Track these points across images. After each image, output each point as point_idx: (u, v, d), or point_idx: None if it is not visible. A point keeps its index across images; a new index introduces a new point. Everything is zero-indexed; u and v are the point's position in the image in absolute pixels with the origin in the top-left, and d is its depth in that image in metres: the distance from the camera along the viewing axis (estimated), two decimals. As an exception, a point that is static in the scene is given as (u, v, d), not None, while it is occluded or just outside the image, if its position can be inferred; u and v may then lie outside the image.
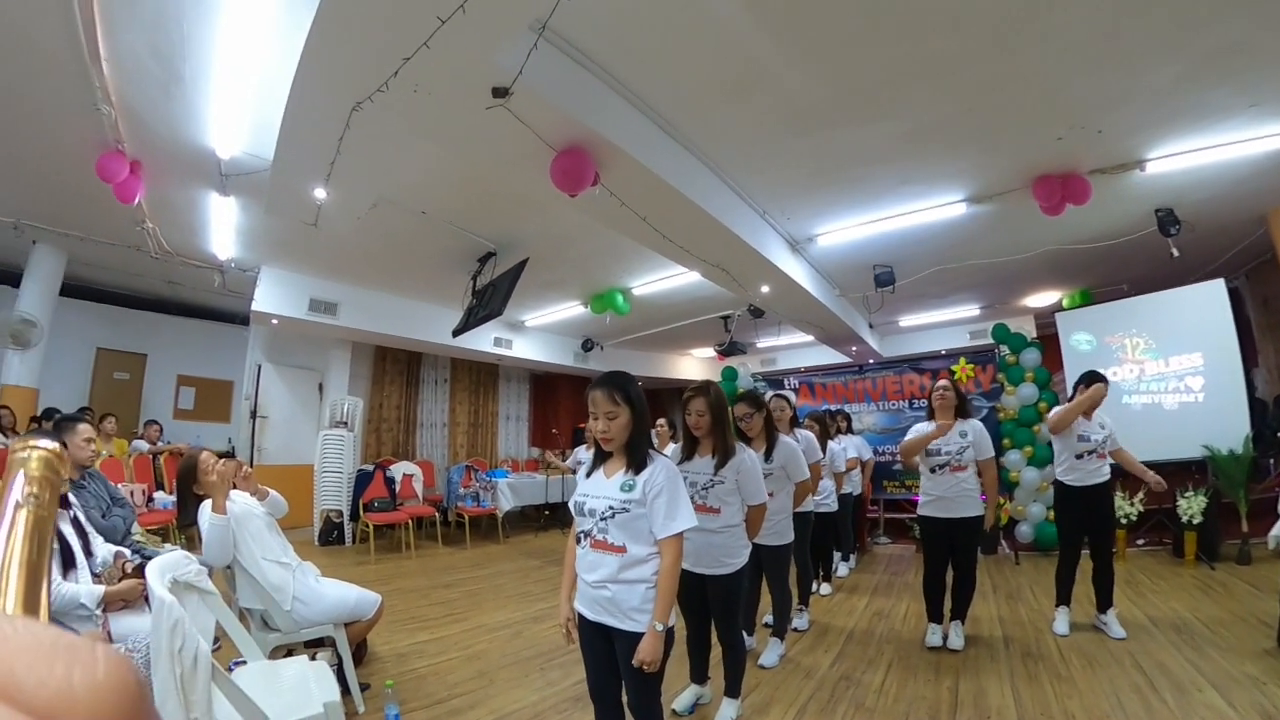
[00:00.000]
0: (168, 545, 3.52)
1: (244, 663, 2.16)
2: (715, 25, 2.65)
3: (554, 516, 8.43)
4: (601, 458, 1.89)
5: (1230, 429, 5.23)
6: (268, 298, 6.02)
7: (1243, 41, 2.95)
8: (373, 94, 2.52)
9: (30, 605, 0.30)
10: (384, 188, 3.95)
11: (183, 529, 4.87)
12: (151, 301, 7.96)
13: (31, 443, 0.38)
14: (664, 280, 6.31)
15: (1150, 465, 3.62)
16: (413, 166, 3.74)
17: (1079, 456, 3.51)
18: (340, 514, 6.70)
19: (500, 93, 2.52)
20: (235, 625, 2.14)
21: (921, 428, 3.49)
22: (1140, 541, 5.52)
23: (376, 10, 2.11)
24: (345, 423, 7.01)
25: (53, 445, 0.38)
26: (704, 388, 2.57)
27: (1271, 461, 5.83)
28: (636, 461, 1.80)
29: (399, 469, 7.28)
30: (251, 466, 6.41)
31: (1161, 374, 5.83)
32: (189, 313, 8.31)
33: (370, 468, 6.89)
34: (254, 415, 7.40)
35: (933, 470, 3.40)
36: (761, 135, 3.60)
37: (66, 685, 0.17)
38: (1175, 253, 5.01)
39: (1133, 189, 4.47)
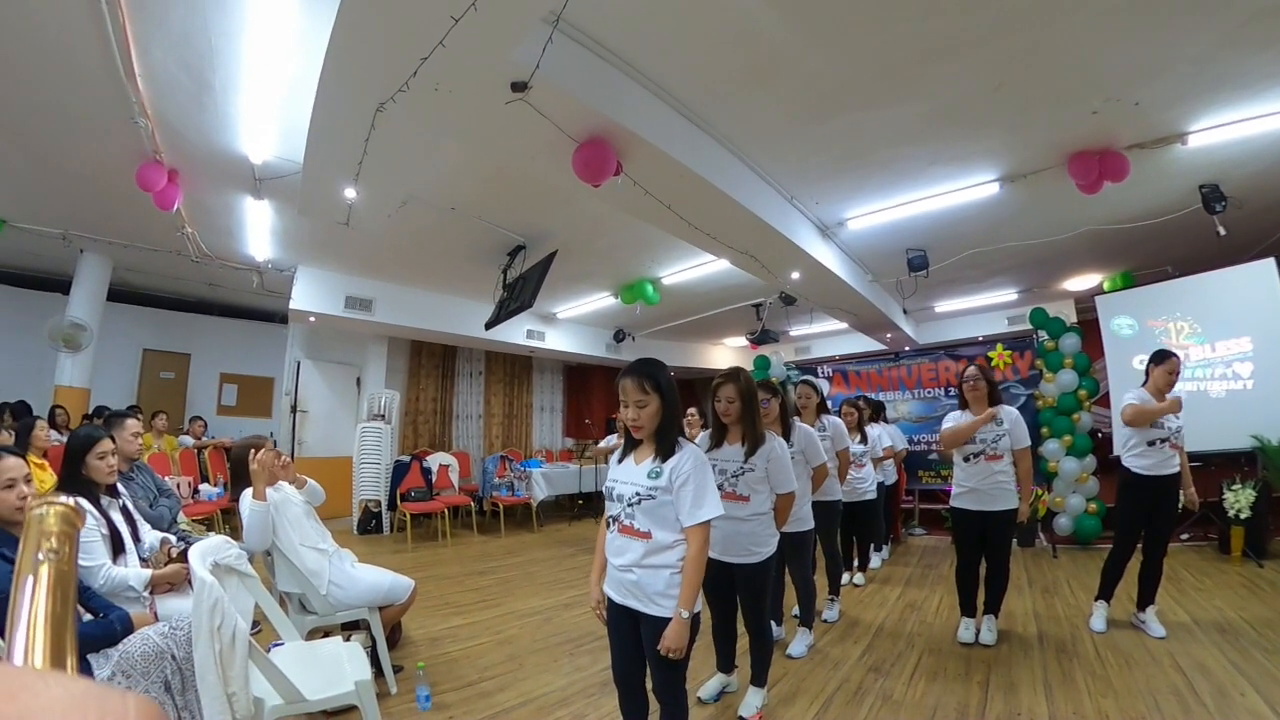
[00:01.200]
0: (212, 534, 3.69)
1: (282, 644, 2.25)
2: (732, 9, 2.61)
3: (587, 506, 8.53)
4: (632, 444, 1.91)
5: None
6: (305, 296, 6.23)
7: None
8: (395, 94, 2.57)
9: (57, 659, 0.31)
10: (412, 185, 4.04)
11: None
12: (193, 303, 8.31)
13: (48, 499, 0.39)
14: (693, 269, 6.28)
15: (1196, 456, 3.44)
16: (439, 163, 3.81)
17: (1151, 444, 3.33)
18: (378, 504, 6.90)
19: (519, 87, 2.54)
20: (274, 607, 2.23)
21: (957, 416, 3.42)
22: (1184, 536, 5.31)
23: (393, 12, 2.15)
24: (383, 415, 7.19)
25: (68, 501, 0.40)
26: (734, 374, 2.58)
27: None
28: (665, 449, 1.82)
29: (435, 460, 7.46)
30: (293, 459, 6.67)
31: (1208, 360, 5.56)
32: (230, 313, 8.65)
33: (407, 459, 7.07)
34: (294, 410, 7.64)
35: (966, 459, 3.32)
36: (785, 120, 3.54)
37: None
38: (1221, 231, 4.73)
39: (1174, 164, 4.24)
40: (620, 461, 1.93)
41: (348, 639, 2.46)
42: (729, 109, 3.40)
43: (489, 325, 5.77)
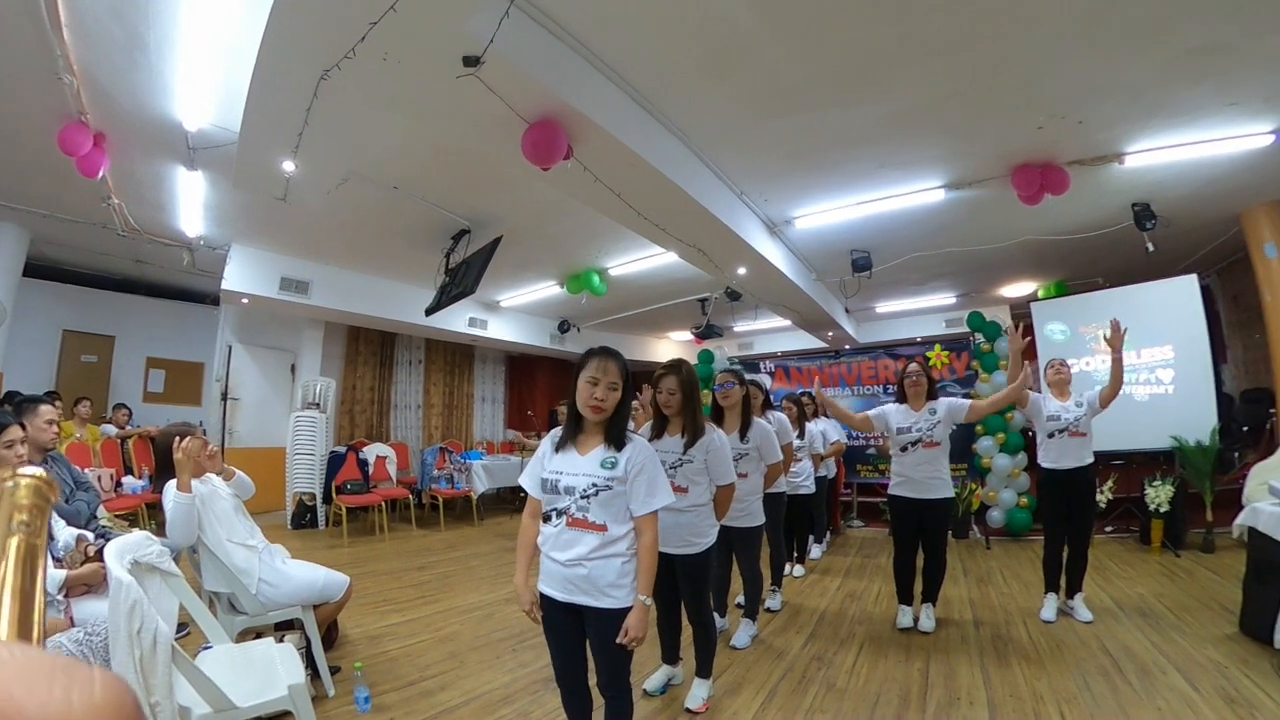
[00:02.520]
0: (136, 530, 3.44)
1: (210, 648, 2.11)
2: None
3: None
4: (571, 434, 1.84)
5: (1198, 421, 5.34)
6: (238, 276, 5.86)
7: (1224, 41, 2.97)
8: (340, 61, 2.42)
9: (24, 631, 0.31)
10: (354, 161, 3.85)
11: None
12: (119, 281, 7.71)
13: (19, 471, 0.39)
14: (641, 261, 6.24)
15: (1120, 455, 3.65)
16: (383, 139, 3.63)
17: (1050, 435, 3.54)
18: (313, 497, 6.60)
19: (471, 61, 2.44)
20: (200, 608, 2.09)
21: (888, 409, 3.51)
22: (1108, 529, 5.63)
23: (341, -31, 2.03)
24: (318, 404, 6.88)
25: (39, 472, 0.39)
26: (676, 366, 2.55)
27: (1236, 454, 5.95)
28: (616, 438, 1.78)
29: (372, 451, 7.19)
30: (223, 449, 6.33)
31: (1133, 365, 5.89)
32: (158, 293, 8.07)
33: (343, 450, 6.78)
34: (225, 397, 7.24)
35: (903, 449, 3.41)
36: (741, 113, 3.54)
37: (65, 706, 0.17)
38: (1150, 247, 5.07)
39: (1111, 182, 4.51)
40: (558, 451, 1.84)
41: (281, 640, 2.32)
42: (685, 99, 3.37)
43: (430, 311, 5.57)
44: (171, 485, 2.40)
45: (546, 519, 1.82)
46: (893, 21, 2.79)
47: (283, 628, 2.71)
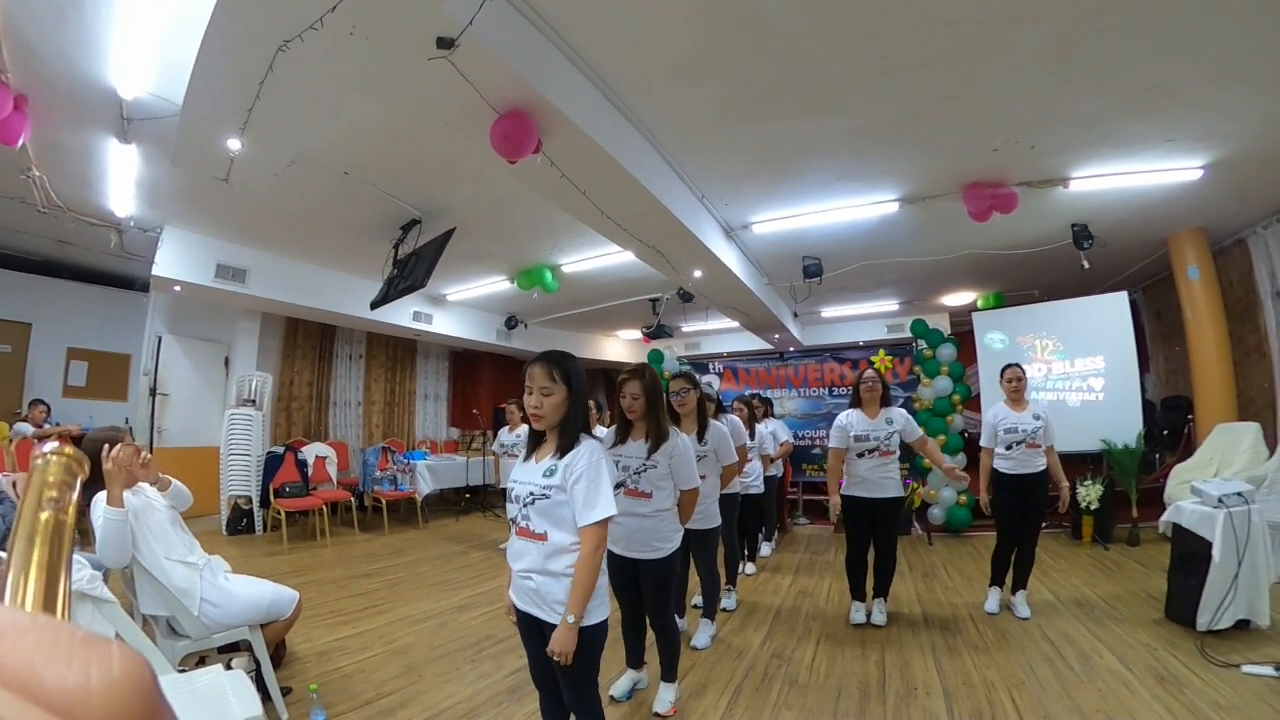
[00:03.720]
0: None
1: None
2: (680, 1, 2.57)
3: (474, 500, 8.21)
4: (536, 442, 1.82)
5: (1125, 426, 5.77)
6: (171, 261, 5.42)
7: (1170, 83, 3.25)
8: (303, 32, 2.27)
9: (49, 603, 0.31)
10: (305, 142, 3.62)
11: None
12: (38, 263, 6.98)
13: (51, 448, 0.40)
14: (595, 259, 6.17)
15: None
16: (340, 120, 3.41)
17: (1008, 447, 3.66)
18: (249, 500, 6.23)
19: (445, 44, 2.34)
20: (138, 635, 1.93)
21: (849, 415, 3.56)
22: (1043, 525, 5.93)
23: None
24: (253, 400, 6.50)
25: (69, 449, 0.41)
26: (639, 371, 2.54)
27: (1158, 456, 6.47)
28: (565, 444, 1.73)
29: (311, 451, 6.86)
30: (151, 450, 5.91)
31: (1067, 374, 6.35)
32: (81, 277, 7.35)
33: (281, 450, 6.44)
34: (154, 393, 6.72)
35: (860, 455, 3.50)
36: (710, 118, 3.55)
37: (84, 680, 0.17)
38: (1086, 265, 5.45)
39: (1055, 203, 4.80)
40: (525, 461, 1.82)
41: (229, 665, 2.14)
42: (657, 100, 3.35)
43: (375, 304, 5.32)
44: (101, 499, 2.17)
45: (511, 527, 1.80)
46: (865, 41, 2.87)
47: (227, 650, 2.53)
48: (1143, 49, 2.96)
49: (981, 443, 3.73)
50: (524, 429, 1.92)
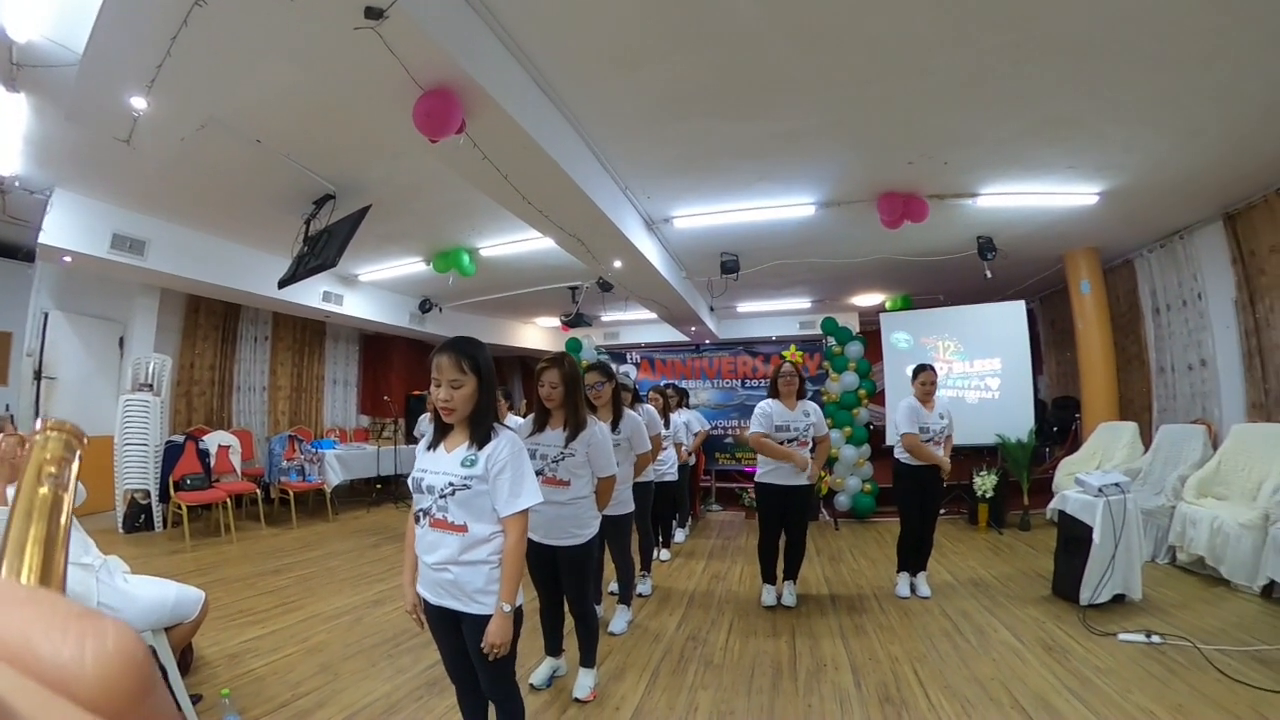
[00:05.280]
0: None
1: None
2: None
3: (386, 491, 7.96)
4: (443, 431, 1.77)
5: (1018, 422, 6.30)
6: (61, 229, 4.84)
7: (1076, 116, 3.58)
8: (222, -13, 2.15)
9: (46, 577, 0.32)
10: (217, 106, 3.37)
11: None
12: None
13: (52, 425, 0.40)
14: (515, 244, 6.08)
15: (955, 449, 4.10)
16: (255, 85, 3.19)
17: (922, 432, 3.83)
18: (147, 494, 5.75)
19: (374, 14, 2.25)
20: None
21: (769, 405, 3.66)
22: (942, 511, 6.35)
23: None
24: (150, 385, 6.00)
25: (68, 424, 0.41)
26: (558, 360, 2.55)
27: (1048, 450, 7.09)
28: (480, 435, 1.69)
29: (213, 439, 6.42)
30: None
31: (966, 373, 6.87)
32: None
33: (180, 439, 5.99)
34: (39, 376, 6.06)
35: (780, 444, 3.62)
36: (639, 112, 3.58)
37: (79, 654, 0.17)
38: (989, 275, 5.91)
39: (963, 216, 5.15)
40: (430, 449, 1.78)
41: None
42: (588, 90, 3.35)
43: (283, 283, 5.02)
44: None
45: (417, 520, 1.74)
46: (793, 52, 2.98)
47: None
48: (1052, 84, 3.23)
49: (904, 429, 3.81)
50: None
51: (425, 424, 5.68)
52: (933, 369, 3.94)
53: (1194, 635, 2.97)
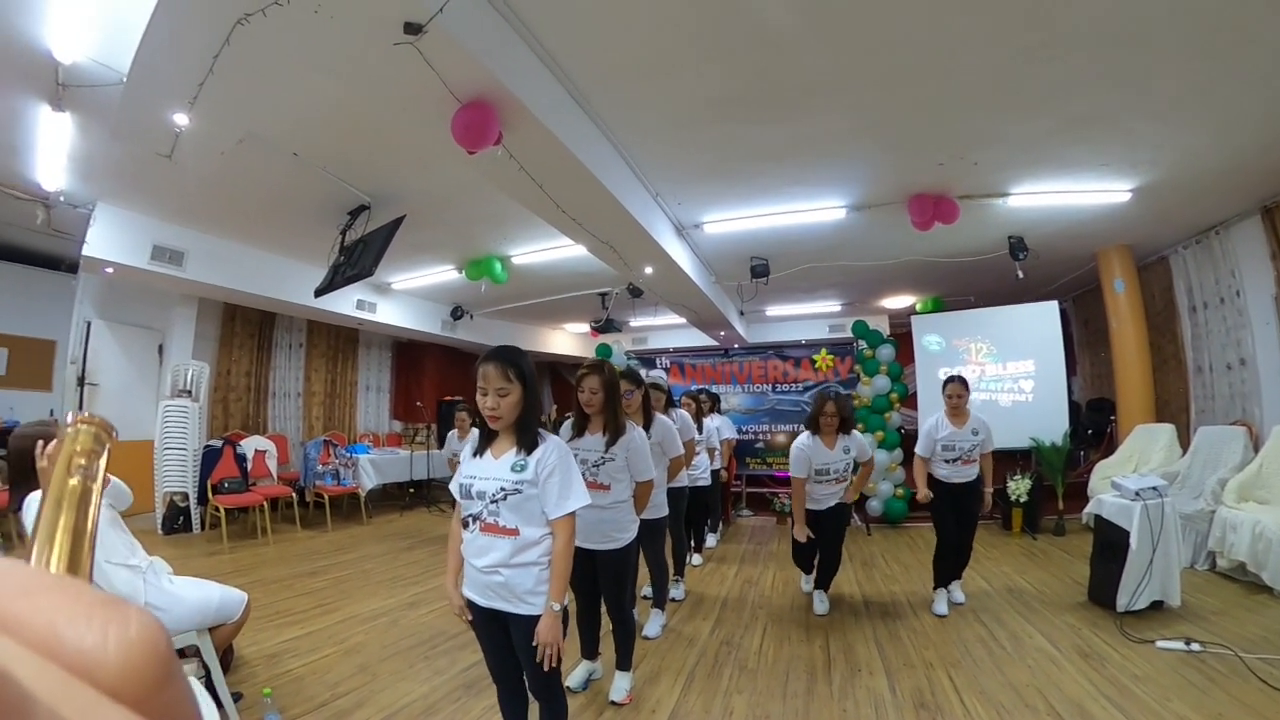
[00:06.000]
0: None
1: None
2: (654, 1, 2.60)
3: (419, 494, 8.06)
4: (488, 437, 1.80)
5: (1053, 425, 6.18)
6: (103, 241, 5.03)
7: (1107, 113, 3.53)
8: (266, 7, 2.21)
9: (74, 566, 0.32)
10: (256, 121, 3.48)
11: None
12: None
13: (82, 419, 0.41)
14: (546, 251, 6.13)
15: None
16: (294, 100, 3.30)
17: (946, 461, 3.72)
18: (186, 497, 5.92)
19: (413, 29, 2.31)
20: None
21: (807, 440, 3.56)
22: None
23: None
24: (189, 391, 6.18)
25: (99, 418, 0.42)
26: (599, 366, 2.58)
27: (1082, 454, 6.94)
28: (527, 441, 1.73)
29: (250, 444, 6.60)
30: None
31: (999, 376, 6.74)
32: (1, 255, 6.78)
33: (218, 443, 6.16)
34: (82, 382, 6.26)
35: (819, 481, 3.57)
36: (669, 119, 3.60)
37: (101, 641, 0.17)
38: (1020, 275, 5.80)
39: (993, 216, 5.08)
40: (476, 456, 1.81)
41: None
42: (619, 98, 3.38)
43: (320, 292, 5.13)
44: (34, 499, 2.02)
45: (465, 525, 1.78)
46: (823, 57, 2.99)
47: None
48: (1082, 80, 3.19)
49: (917, 450, 3.74)
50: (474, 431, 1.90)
51: (455, 441, 5.69)
52: (959, 380, 3.74)
53: (1235, 643, 2.89)
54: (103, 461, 0.40)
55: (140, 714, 0.17)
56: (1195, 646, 2.88)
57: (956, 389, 3.70)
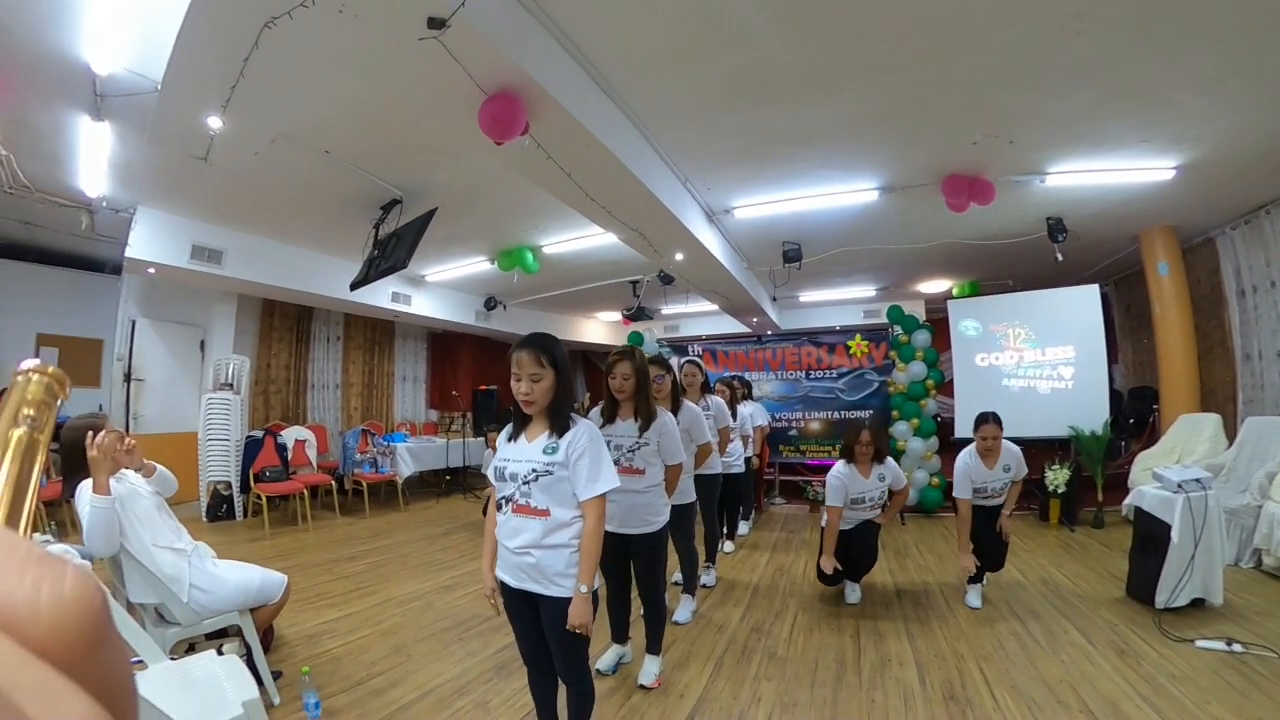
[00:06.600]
0: (35, 535, 3.09)
1: (141, 663, 1.90)
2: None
3: (455, 481, 8.21)
4: (522, 422, 1.85)
5: (1093, 414, 5.96)
6: (145, 243, 5.25)
7: (1148, 87, 3.37)
8: (293, 9, 2.25)
9: (12, 519, 0.31)
10: (288, 121, 3.56)
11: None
12: (3, 246, 6.67)
13: (33, 366, 0.39)
14: (577, 240, 6.15)
15: (1023, 441, 3.91)
16: (323, 99, 3.37)
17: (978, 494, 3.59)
18: (229, 486, 6.16)
19: (437, 24, 2.33)
20: (128, 623, 1.91)
21: (843, 470, 3.52)
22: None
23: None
24: (231, 384, 6.40)
25: (52, 368, 0.40)
26: (629, 353, 2.61)
27: (1123, 443, 6.71)
28: (559, 425, 1.77)
29: (290, 434, 6.80)
30: (130, 437, 5.78)
31: (1038, 362, 6.52)
32: (50, 260, 7.00)
33: (259, 434, 6.36)
34: (128, 378, 6.57)
35: (854, 509, 3.55)
36: (697, 105, 3.57)
37: (33, 596, 0.16)
38: (1059, 257, 5.60)
39: (1031, 197, 4.91)
40: (511, 440, 1.86)
41: (220, 651, 2.14)
42: (644, 86, 3.36)
43: (355, 285, 5.24)
44: (86, 487, 2.15)
45: (499, 507, 1.83)
46: (850, 36, 2.92)
47: (215, 635, 2.54)
48: (1121, 53, 3.05)
49: (957, 494, 3.56)
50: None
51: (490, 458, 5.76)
52: (994, 420, 3.50)
53: (1279, 645, 2.78)
54: (53, 414, 0.38)
55: (69, 675, 0.16)
56: (1237, 647, 2.77)
57: (991, 430, 3.46)
